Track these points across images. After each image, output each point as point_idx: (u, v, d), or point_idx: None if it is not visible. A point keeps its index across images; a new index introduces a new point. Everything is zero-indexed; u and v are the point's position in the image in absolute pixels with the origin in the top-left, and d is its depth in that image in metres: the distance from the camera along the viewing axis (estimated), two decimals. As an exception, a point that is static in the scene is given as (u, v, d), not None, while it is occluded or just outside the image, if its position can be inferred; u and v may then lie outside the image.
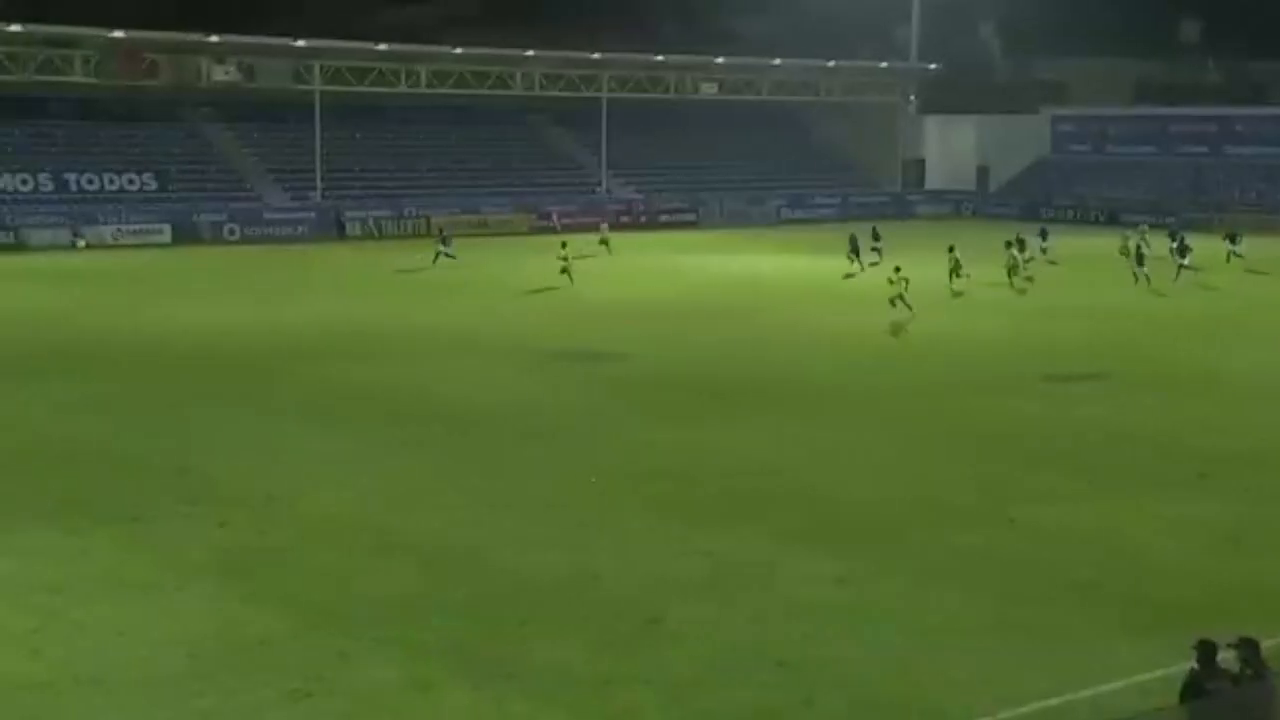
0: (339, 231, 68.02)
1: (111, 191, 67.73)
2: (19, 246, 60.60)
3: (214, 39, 68.60)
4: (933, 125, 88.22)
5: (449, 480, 20.60)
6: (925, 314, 38.13)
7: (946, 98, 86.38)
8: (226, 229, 66.60)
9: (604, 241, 58.25)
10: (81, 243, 57.73)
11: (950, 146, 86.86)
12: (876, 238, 53.47)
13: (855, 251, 50.22)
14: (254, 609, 14.78)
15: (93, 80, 67.98)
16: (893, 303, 38.07)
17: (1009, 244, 46.53)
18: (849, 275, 39.35)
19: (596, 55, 77.57)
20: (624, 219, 74.89)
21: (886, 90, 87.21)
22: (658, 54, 79.97)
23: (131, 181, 68.76)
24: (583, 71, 79.05)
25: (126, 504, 18.89)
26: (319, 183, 71.57)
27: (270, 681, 12.82)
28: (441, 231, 56.12)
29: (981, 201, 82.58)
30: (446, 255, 51.64)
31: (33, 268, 50.20)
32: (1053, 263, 51.47)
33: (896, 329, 36.11)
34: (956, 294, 42.59)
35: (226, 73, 70.77)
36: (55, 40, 66.19)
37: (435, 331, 35.89)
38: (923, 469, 21.52)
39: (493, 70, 77.32)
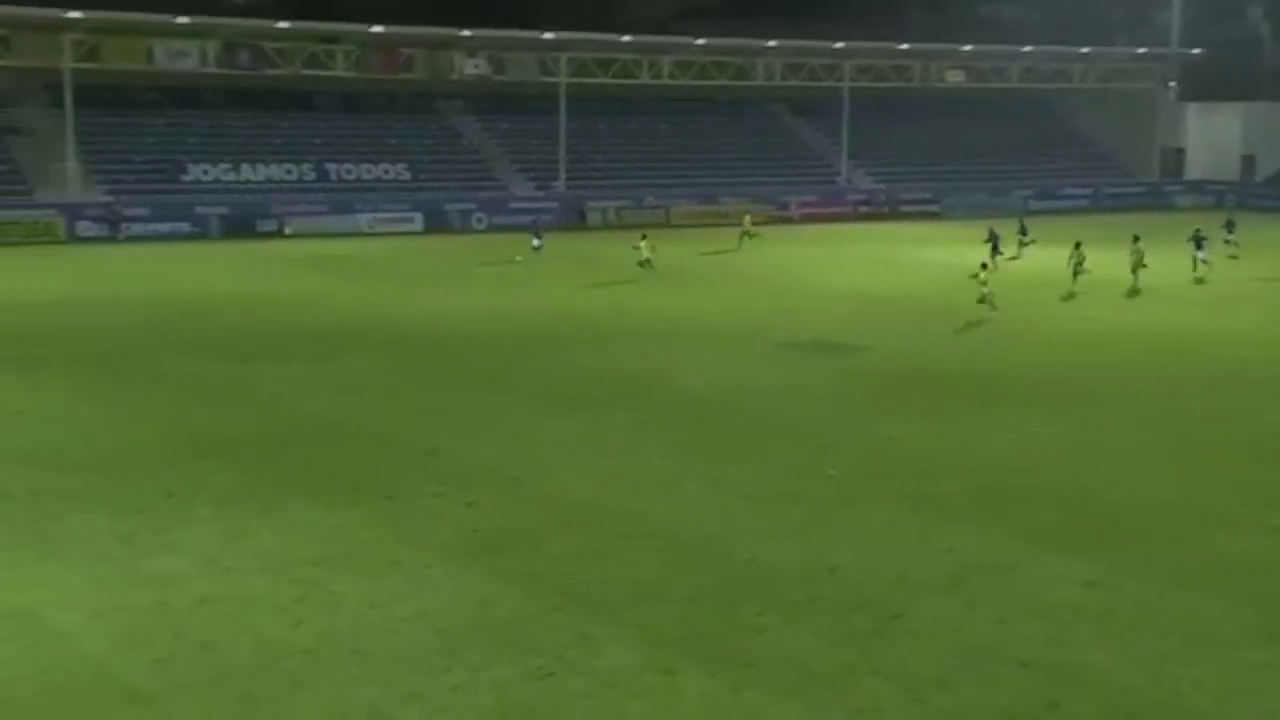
0: (580, 220, 69.23)
1: (368, 181, 70.72)
2: (281, 233, 63.90)
3: (466, 33, 70.86)
4: (1194, 113, 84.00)
5: (688, 468, 20.74)
6: (1170, 309, 36.38)
7: (1209, 84, 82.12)
8: (474, 218, 68.73)
9: (747, 234, 57.28)
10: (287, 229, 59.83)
11: (1212, 135, 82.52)
12: (1024, 232, 52.09)
13: (995, 248, 48.40)
14: (499, 588, 15.20)
15: (353, 74, 71.15)
16: (981, 300, 36.91)
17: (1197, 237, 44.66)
18: (973, 275, 39.12)
19: (839, 44, 76.69)
20: (864, 209, 73.92)
21: (1144, 77, 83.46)
22: (902, 42, 78.53)
23: (387, 172, 71.63)
24: (824, 61, 78.33)
25: (381, 483, 19.70)
26: (562, 173, 73.06)
27: (515, 659, 13.16)
28: (535, 222, 55.69)
29: (1246, 193, 78.15)
30: (534, 247, 50.96)
31: (294, 253, 52.84)
32: (1233, 256, 48.52)
33: (974, 324, 34.54)
34: (1133, 292, 40.53)
35: (477, 66, 73.00)
36: (320, 36, 69.59)
37: (673, 320, 36.18)
38: (1180, 471, 20.54)
39: (734, 61, 77.45)
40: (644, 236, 48.01)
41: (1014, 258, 48.01)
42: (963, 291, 39.11)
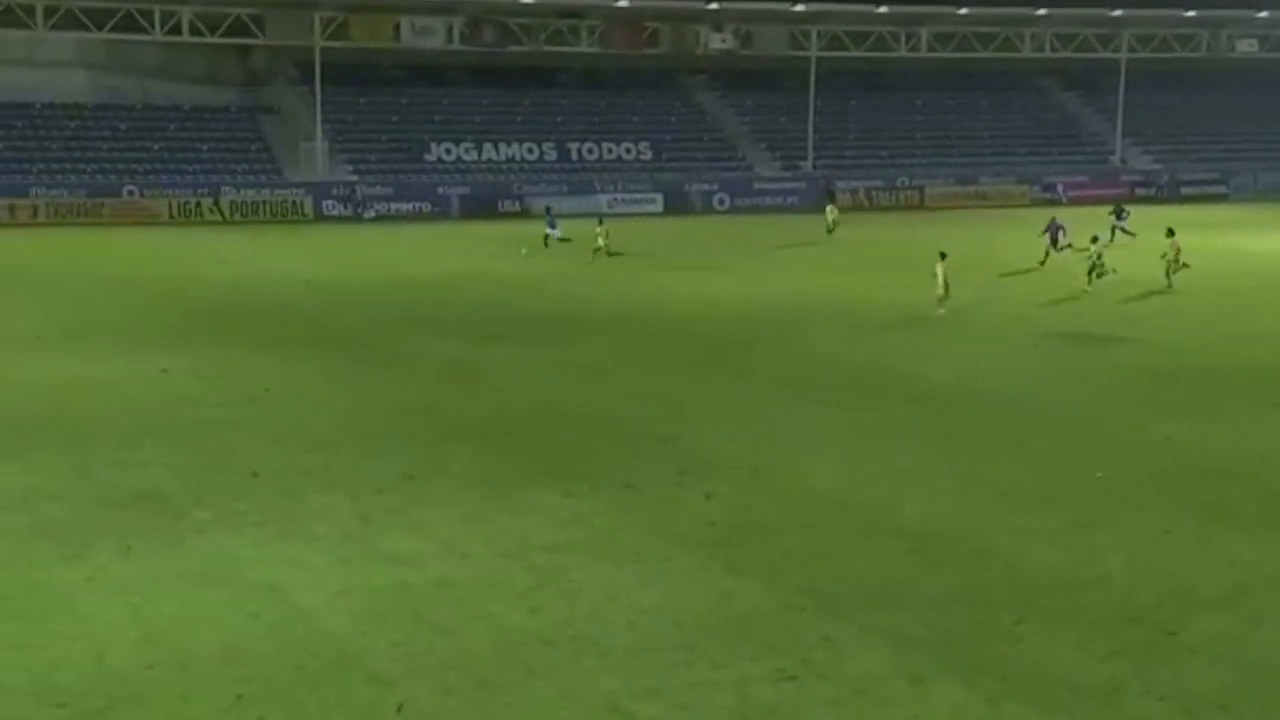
0: (829, 202, 68.33)
1: (609, 160, 71.78)
2: (523, 214, 65.53)
3: (713, 6, 70.98)
4: None
5: (940, 463, 20.30)
6: None
7: None
8: (716, 199, 69.04)
9: (832, 228, 54.71)
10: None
11: None
12: (1120, 215, 48.73)
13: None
14: (740, 583, 15.18)
15: (596, 50, 72.29)
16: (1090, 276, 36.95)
17: None
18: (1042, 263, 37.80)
19: (1116, 13, 73.73)
20: (1140, 191, 70.94)
21: None
22: (1188, 9, 74.92)
23: (628, 150, 72.59)
24: (1099, 30, 75.49)
25: (619, 470, 19.95)
26: (810, 152, 72.56)
27: (756, 658, 13.12)
28: (549, 211, 54.14)
29: None
30: (557, 238, 49.72)
31: (534, 234, 54.01)
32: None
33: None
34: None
35: (723, 40, 73.16)
36: (563, 11, 70.98)
37: (921, 306, 35.51)
38: None
39: (999, 32, 75.35)
40: (600, 221, 48.39)
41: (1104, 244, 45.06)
42: (1249, 279, 37.10)
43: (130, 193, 62.99)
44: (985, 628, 13.89)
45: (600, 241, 46.73)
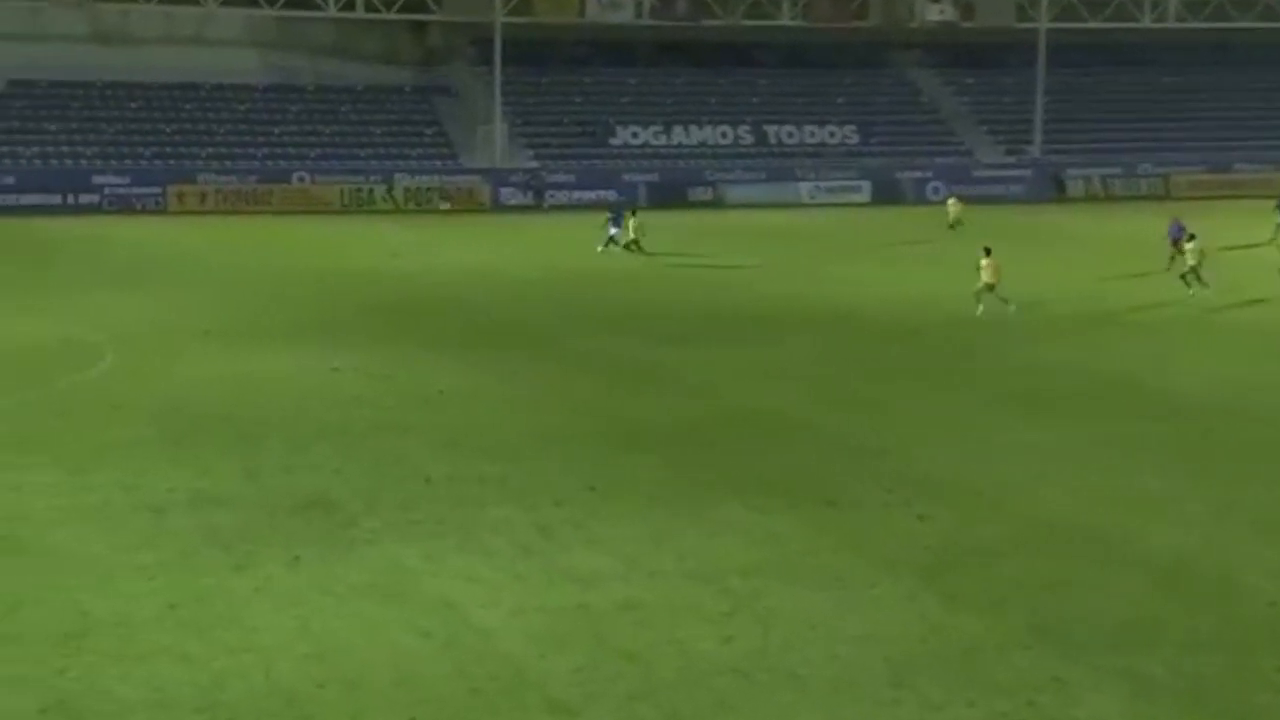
0: (1058, 192, 66.84)
1: (811, 145, 71.37)
2: (715, 203, 65.59)
3: (929, -27, 70.14)
4: None
5: (1187, 488, 19.65)
6: None
7: None
8: (930, 187, 68.04)
9: (955, 224, 52.43)
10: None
11: None
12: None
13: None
14: (957, 615, 14.92)
15: (799, 24, 71.95)
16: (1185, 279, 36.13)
17: None
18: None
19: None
20: None
21: None
22: None
23: (832, 134, 72.08)
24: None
25: (820, 485, 19.81)
26: (1038, 135, 70.96)
27: (976, 699, 12.87)
28: (616, 207, 50.99)
29: None
30: (615, 243, 47.21)
31: (727, 225, 54.18)
32: None
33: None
34: None
35: (941, 11, 72.11)
36: (767, -19, 70.83)
37: (1161, 306, 34.47)
38: None
39: (1261, -3, 72.57)
40: (633, 213, 47.39)
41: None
42: None
43: (300, 179, 65.05)
44: (1241, 674, 13.40)
45: (631, 234, 46.53)
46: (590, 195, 66.08)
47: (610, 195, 65.78)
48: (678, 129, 70.99)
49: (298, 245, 50.92)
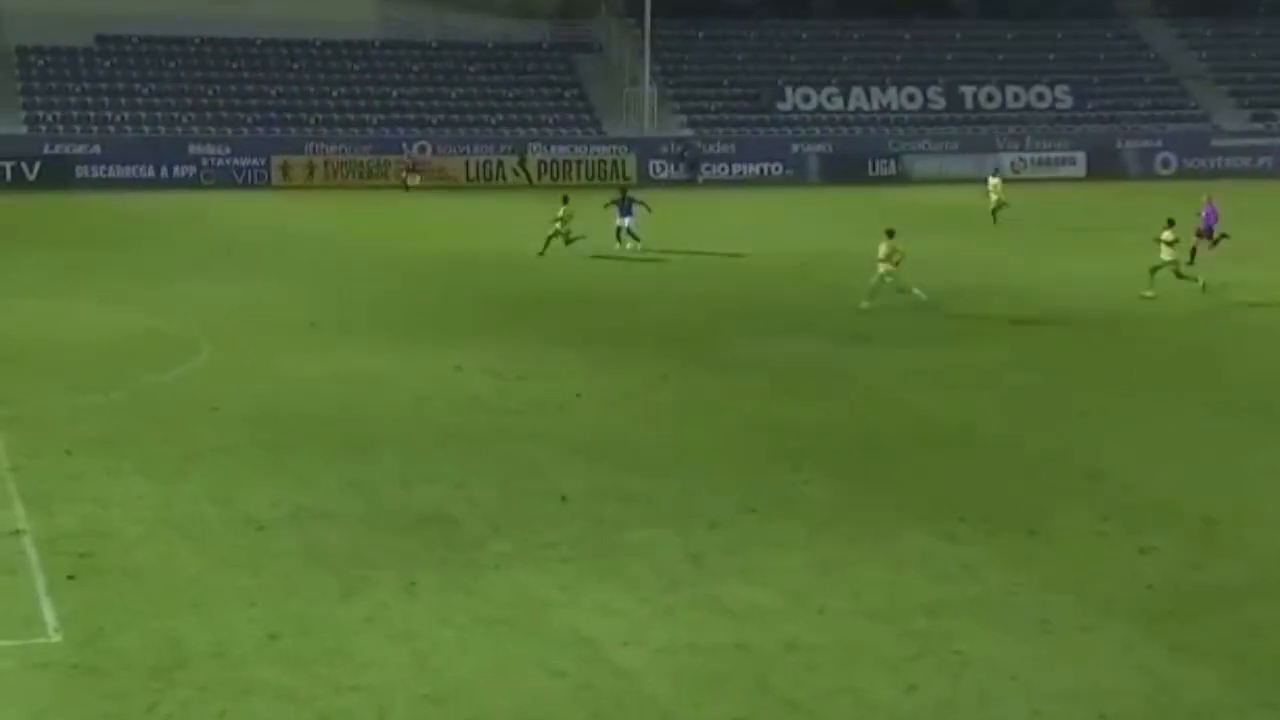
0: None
1: (1015, 110, 70.47)
2: (900, 179, 65.14)
3: (1161, -94, 68.96)
4: None
5: None
6: None
7: None
8: (1159, 159, 66.88)
9: (997, 208, 50.44)
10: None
11: None
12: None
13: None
14: (1187, 669, 14.63)
15: (1003, -35, 71.11)
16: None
17: None
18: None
19: None
20: None
21: None
22: None
23: (1040, 97, 71.14)
24: None
25: (1021, 511, 19.58)
26: (1290, 97, 69.25)
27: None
28: (625, 195, 46.88)
29: None
30: (632, 236, 44.87)
31: (914, 203, 53.71)
32: None
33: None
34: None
35: (1175, -51, 70.77)
36: (962, -81, 70.28)
37: None
38: None
39: None
40: (565, 200, 44.60)
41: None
42: None
43: (422, 149, 66.08)
44: None
45: (557, 225, 43.76)
46: (753, 169, 66.18)
47: (777, 169, 65.76)
48: (857, 91, 70.67)
49: (418, 225, 51.71)
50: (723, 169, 66.62)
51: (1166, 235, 35.03)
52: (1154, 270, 35.03)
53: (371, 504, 20.02)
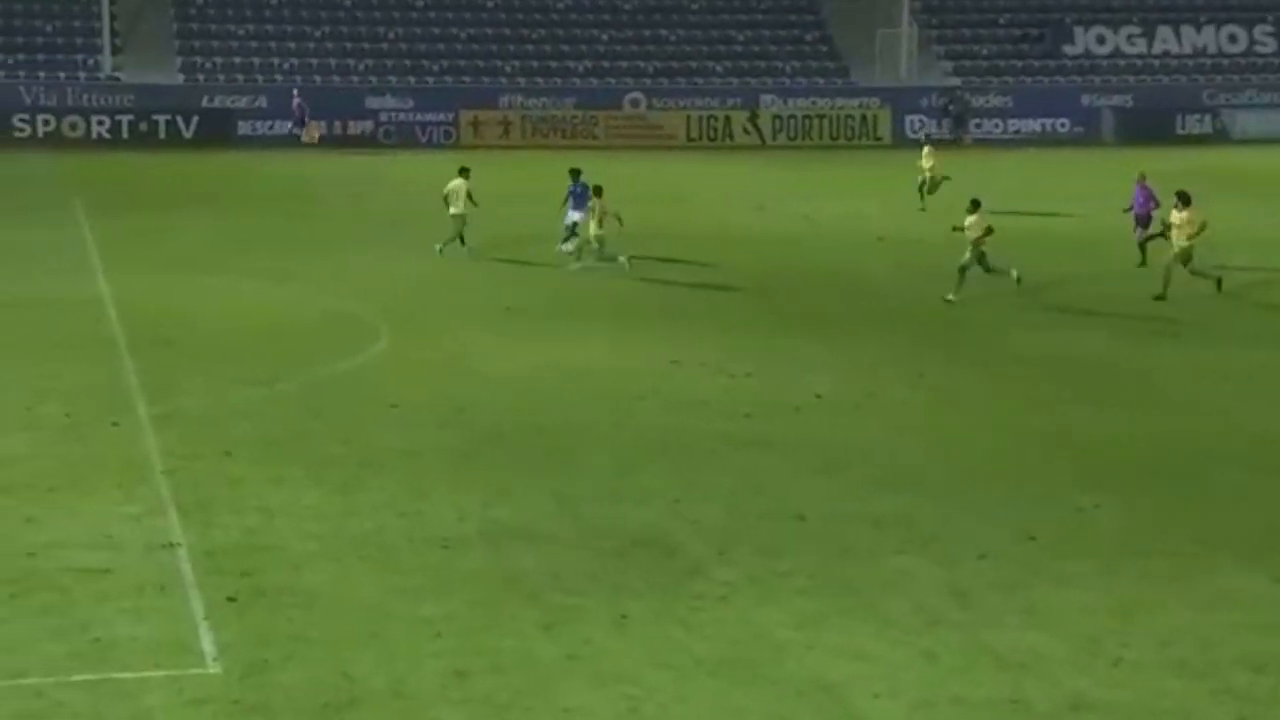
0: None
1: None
2: (1219, 138, 63.64)
3: None
4: None
5: None
6: None
7: None
8: None
9: (928, 186, 47.65)
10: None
11: None
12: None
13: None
14: None
15: None
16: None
17: None
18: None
19: None
20: None
21: None
22: None
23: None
24: None
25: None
26: None
27: None
28: (578, 180, 40.42)
29: None
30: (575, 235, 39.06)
31: (1230, 167, 52.44)
32: None
33: None
34: None
35: None
36: None
37: None
38: None
39: None
40: (597, 191, 39.02)
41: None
42: None
43: (634, 103, 66.42)
44: None
45: (594, 228, 38.07)
46: (1033, 126, 65.30)
47: (1062, 126, 64.80)
48: (1163, 31, 69.21)
49: (627, 191, 51.94)
50: (995, 126, 65.83)
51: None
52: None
53: (576, 522, 20.22)
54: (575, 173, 40.51)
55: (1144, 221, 38.59)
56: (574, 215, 39.18)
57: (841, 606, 17.37)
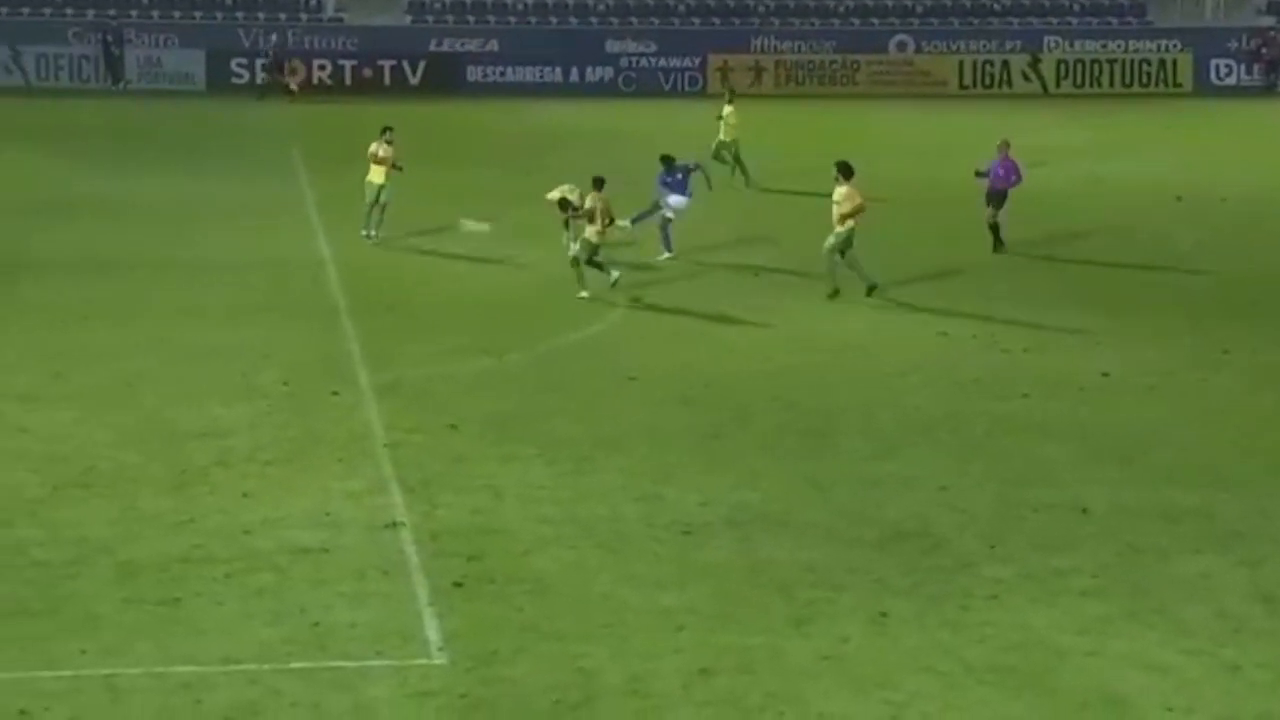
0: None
1: None
2: None
3: None
4: None
5: None
6: None
7: None
8: None
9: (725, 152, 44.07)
10: None
11: None
12: None
13: None
14: None
15: None
16: None
17: None
18: None
19: None
20: None
21: None
22: None
23: None
24: None
25: None
26: None
27: None
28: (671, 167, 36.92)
29: None
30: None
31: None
32: None
33: None
34: None
35: None
36: None
37: None
38: None
39: None
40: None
41: None
42: None
43: (901, 46, 65.98)
44: None
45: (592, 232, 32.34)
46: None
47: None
48: None
49: (891, 144, 51.65)
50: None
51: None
52: None
53: (831, 509, 20.26)
54: (668, 160, 37.47)
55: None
56: (671, 201, 35.70)
57: (1129, 610, 17.19)
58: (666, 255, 34.89)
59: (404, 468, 21.47)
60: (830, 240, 31.23)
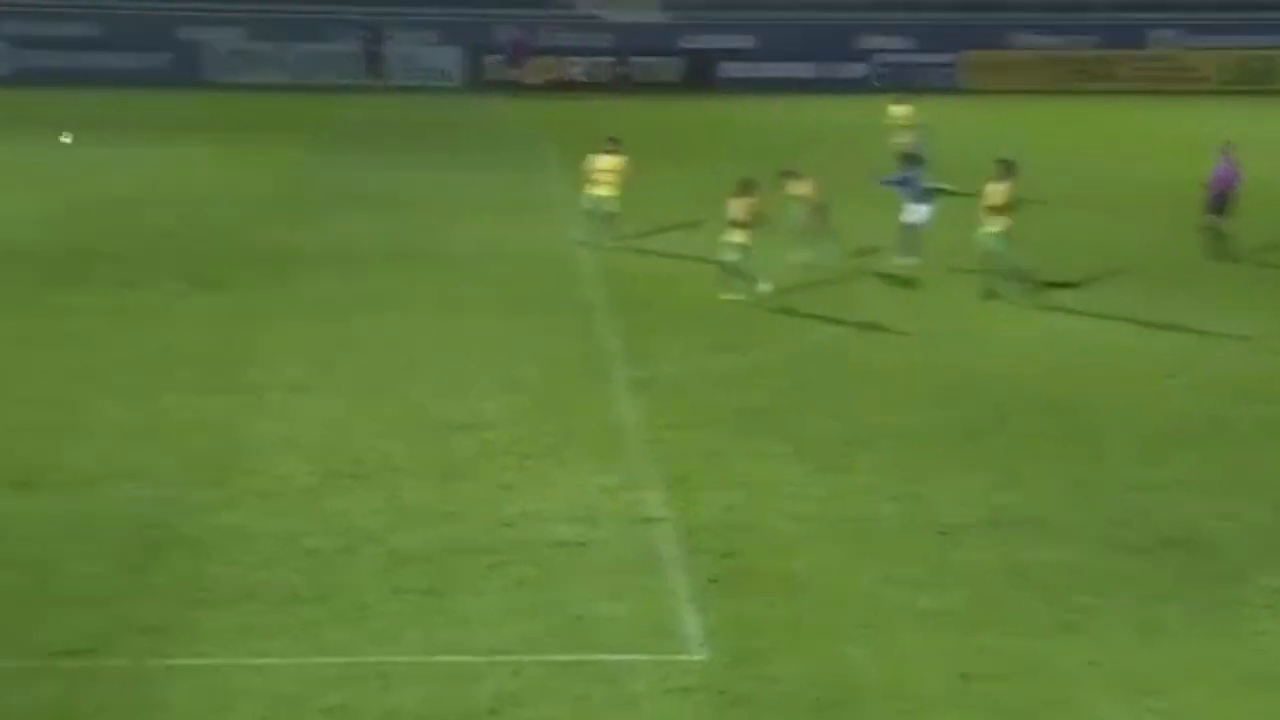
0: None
1: None
2: None
3: None
4: None
5: None
6: None
7: None
8: None
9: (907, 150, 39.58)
10: None
11: None
12: None
13: None
14: None
15: None
16: None
17: None
18: None
19: None
20: None
21: None
22: None
23: None
24: None
25: None
26: None
27: None
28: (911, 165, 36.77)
29: None
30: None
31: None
32: None
33: None
34: None
35: None
36: None
37: None
38: None
39: None
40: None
41: None
42: None
43: (1163, 40, 64.83)
44: None
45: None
46: None
47: None
48: None
49: (1146, 144, 50.87)
50: None
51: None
52: None
53: (1097, 513, 20.06)
54: (911, 159, 37.73)
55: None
56: (918, 211, 34.50)
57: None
58: (911, 260, 33.92)
59: (659, 463, 21.61)
60: (994, 244, 31.07)
